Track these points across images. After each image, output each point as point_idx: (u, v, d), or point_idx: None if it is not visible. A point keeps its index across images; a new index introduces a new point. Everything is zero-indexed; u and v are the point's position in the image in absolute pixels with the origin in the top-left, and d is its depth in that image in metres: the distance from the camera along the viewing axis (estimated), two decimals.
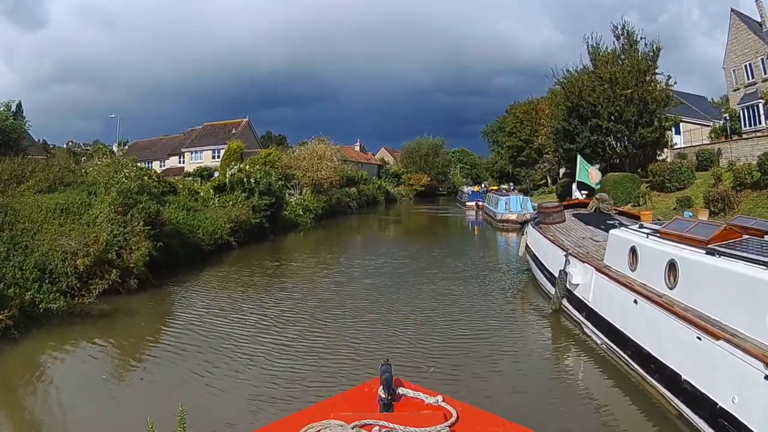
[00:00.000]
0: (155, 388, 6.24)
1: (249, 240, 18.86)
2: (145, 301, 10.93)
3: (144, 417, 3.03)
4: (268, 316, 9.43)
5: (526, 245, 11.40)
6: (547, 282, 9.54)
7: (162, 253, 13.27)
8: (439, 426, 2.21)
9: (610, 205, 12.43)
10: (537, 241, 10.64)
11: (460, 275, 12.86)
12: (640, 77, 26.31)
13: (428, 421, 2.25)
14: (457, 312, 9.21)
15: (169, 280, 12.64)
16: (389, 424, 2.18)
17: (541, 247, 10.13)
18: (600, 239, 9.49)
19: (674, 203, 21.71)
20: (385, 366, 2.59)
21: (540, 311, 9.25)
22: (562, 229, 10.82)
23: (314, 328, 8.51)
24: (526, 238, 11.57)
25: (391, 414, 2.42)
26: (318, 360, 6.94)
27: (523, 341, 7.82)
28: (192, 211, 18.60)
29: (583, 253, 8.47)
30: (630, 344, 6.30)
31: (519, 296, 10.79)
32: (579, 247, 9.00)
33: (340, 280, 13.10)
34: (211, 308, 10.24)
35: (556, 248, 9.07)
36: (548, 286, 9.42)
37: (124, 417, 5.29)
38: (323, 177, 32.20)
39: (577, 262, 8.08)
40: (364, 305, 10.00)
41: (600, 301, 7.21)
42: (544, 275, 9.71)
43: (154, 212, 13.55)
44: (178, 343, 7.82)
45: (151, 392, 6.12)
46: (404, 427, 2.15)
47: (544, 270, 9.64)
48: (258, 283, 12.90)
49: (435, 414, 2.37)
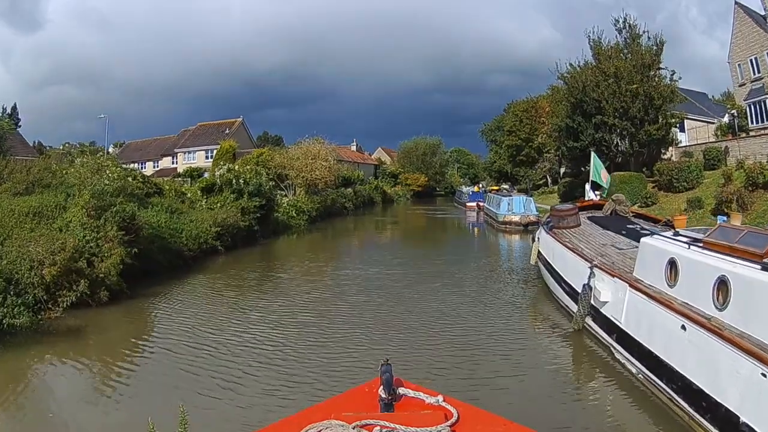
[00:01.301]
0: (129, 415, 5.42)
1: (237, 244, 17.74)
2: (117, 315, 9.90)
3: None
4: (249, 333, 8.38)
5: (538, 252, 10.30)
6: (564, 295, 8.45)
7: (139, 261, 12.27)
8: (440, 426, 2.19)
9: (627, 207, 11.35)
10: (552, 248, 9.44)
11: (464, 288, 11.53)
12: (645, 72, 25.34)
13: (429, 420, 2.23)
14: (465, 334, 8.02)
15: (146, 290, 11.55)
16: (390, 424, 2.16)
17: (558, 256, 9.02)
18: (623, 247, 8.45)
19: (684, 204, 20.79)
20: (386, 366, 2.56)
21: (559, 330, 8.04)
22: (578, 234, 9.72)
23: (298, 352, 7.44)
24: (537, 244, 10.42)
25: (391, 414, 2.39)
26: (305, 390, 5.91)
27: (542, 368, 6.70)
28: (177, 213, 17.50)
29: (609, 264, 7.39)
30: (675, 377, 5.27)
31: (533, 312, 9.55)
32: (601, 257, 7.93)
33: (330, 295, 11.26)
34: (190, 323, 9.18)
35: (578, 258, 7.96)
36: (566, 300, 8.34)
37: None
38: (317, 177, 31.10)
39: (604, 275, 7.00)
40: (357, 327, 8.46)
41: (636, 324, 6.15)
42: (561, 288, 8.61)
43: (129, 216, 12.42)
44: (154, 363, 7.04)
45: (125, 419, 5.37)
46: (405, 427, 2.13)
47: (562, 282, 8.54)
48: (240, 295, 11.76)
49: (436, 414, 2.35)
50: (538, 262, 10.47)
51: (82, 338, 8.42)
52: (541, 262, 10.26)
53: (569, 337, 7.59)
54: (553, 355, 7.12)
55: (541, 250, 10.10)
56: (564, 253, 8.59)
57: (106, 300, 10.18)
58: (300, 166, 31.01)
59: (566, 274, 8.31)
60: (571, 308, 8.10)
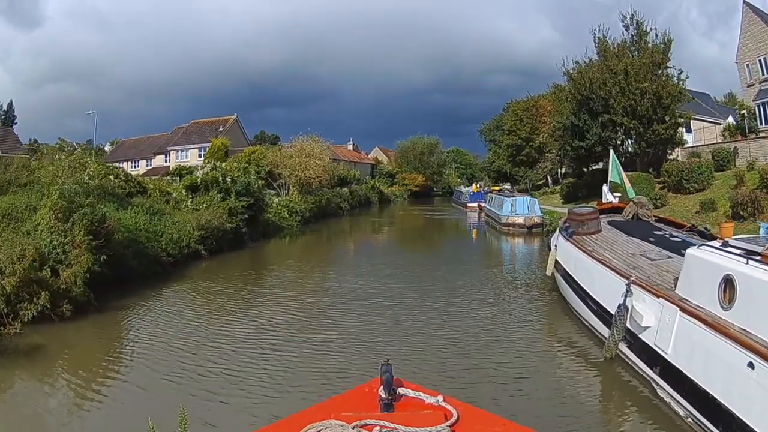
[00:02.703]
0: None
1: (223, 247, 16.57)
2: (84, 331, 8.89)
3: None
4: (226, 353, 7.30)
5: (556, 262, 9.07)
6: (590, 314, 7.29)
7: (111, 268, 11.16)
8: (440, 426, 2.17)
9: (650, 211, 10.26)
10: (574, 259, 8.13)
11: (471, 303, 10.00)
12: (654, 70, 24.41)
13: (429, 421, 2.21)
14: (474, 362, 6.71)
15: (117, 301, 10.43)
16: (390, 424, 2.15)
17: (582, 268, 7.74)
18: (654, 257, 7.34)
19: (696, 206, 19.84)
20: (386, 366, 2.54)
21: (585, 357, 6.80)
22: (600, 242, 8.57)
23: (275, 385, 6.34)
24: (555, 253, 9.14)
25: (391, 414, 2.37)
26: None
27: (567, 404, 5.55)
28: (159, 215, 16.33)
29: (647, 279, 6.26)
30: (737, 425, 4.23)
31: (551, 333, 8.20)
32: (634, 269, 6.81)
33: (315, 315, 9.49)
34: (163, 340, 8.12)
35: (609, 272, 6.79)
36: (592, 321, 7.20)
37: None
38: (311, 176, 29.89)
39: (646, 295, 5.83)
40: (348, 356, 7.09)
41: (688, 356, 5.06)
42: (587, 306, 7.42)
43: (98, 218, 11.28)
44: (121, 386, 6.30)
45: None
46: (405, 427, 2.12)
47: (588, 299, 7.36)
48: (219, 308, 10.54)
49: (435, 414, 2.33)
50: (555, 273, 9.25)
51: (46, 356, 7.54)
52: (558, 273, 9.04)
53: (599, 367, 6.40)
54: (580, 389, 5.91)
55: (560, 260, 8.86)
56: (590, 265, 7.40)
57: (68, 314, 9.11)
58: (293, 165, 29.82)
59: (593, 290, 7.13)
60: (598, 330, 6.96)
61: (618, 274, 6.43)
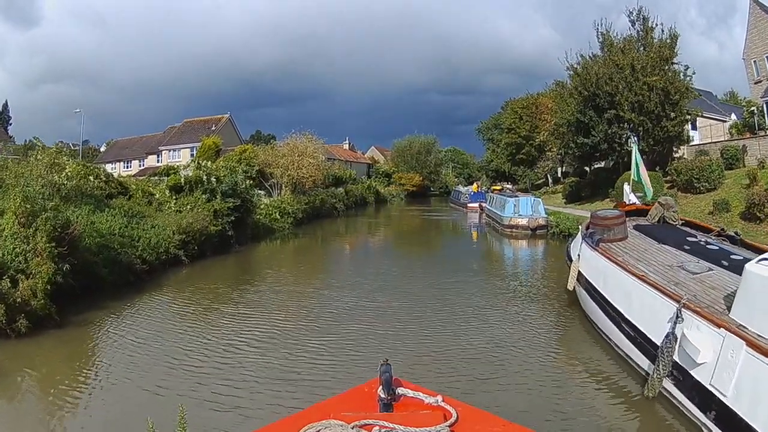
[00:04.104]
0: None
1: (206, 252, 15.40)
2: (45, 348, 7.89)
3: None
4: (196, 376, 6.23)
5: (578, 274, 7.73)
6: (625, 341, 6.08)
7: (78, 277, 10.01)
8: (439, 426, 2.16)
9: (677, 213, 9.14)
10: (604, 272, 6.85)
11: (481, 325, 8.35)
12: (662, 65, 23.47)
13: (428, 421, 2.19)
14: (485, 400, 5.28)
15: (82, 315, 9.36)
16: (389, 424, 2.13)
17: (615, 284, 6.49)
18: (695, 269, 6.22)
19: (709, 206, 18.87)
20: (385, 366, 2.51)
21: (619, 392, 5.60)
22: (630, 250, 7.38)
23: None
24: (577, 264, 7.81)
25: (390, 414, 2.35)
26: None
27: None
28: (138, 217, 15.16)
29: (697, 301, 5.15)
30: None
31: (577, 362, 6.71)
32: (676, 285, 5.70)
33: (298, 335, 8.13)
34: (132, 357, 7.21)
35: (653, 291, 5.48)
36: (628, 348, 6.03)
37: None
38: (304, 175, 28.66)
39: (701, 322, 4.71)
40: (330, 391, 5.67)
41: (752, 402, 3.98)
42: (621, 330, 6.18)
43: (62, 223, 10.16)
44: (83, 412, 5.58)
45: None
46: (404, 427, 2.10)
47: (622, 322, 6.12)
48: (194, 323, 9.38)
49: (435, 414, 2.31)
50: (577, 288, 7.95)
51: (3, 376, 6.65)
52: (581, 287, 7.73)
53: (637, 407, 5.23)
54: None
55: (584, 273, 7.56)
56: (626, 280, 6.17)
57: (24, 330, 8.08)
58: (286, 164, 28.60)
59: (630, 312, 5.93)
60: (634, 360, 5.81)
61: (664, 294, 5.28)
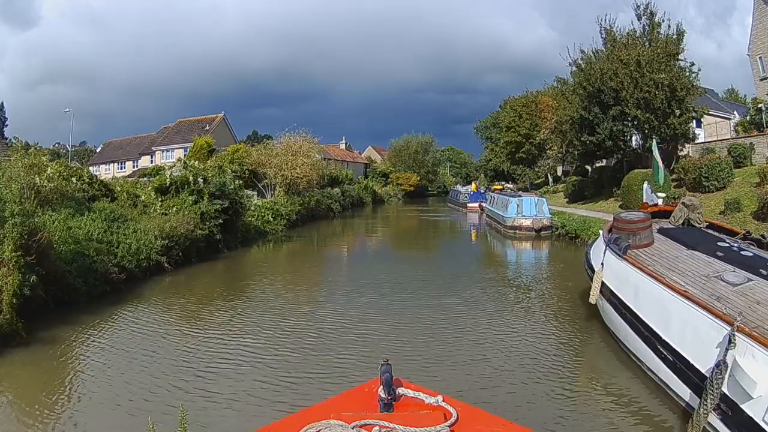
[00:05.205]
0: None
1: (192, 258, 14.46)
2: (10, 368, 7.02)
3: None
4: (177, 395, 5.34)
5: (602, 286, 6.77)
6: (662, 365, 5.19)
7: (48, 288, 9.20)
8: (439, 426, 2.15)
9: (701, 215, 8.30)
10: (635, 285, 5.90)
11: (491, 345, 7.33)
12: (668, 61, 22.74)
13: (428, 421, 2.19)
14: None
15: (51, 331, 8.45)
16: (389, 424, 2.12)
17: (650, 299, 5.55)
18: (734, 280, 5.40)
19: (720, 206, 18.10)
20: (385, 366, 2.50)
21: (657, 426, 4.80)
22: (658, 258, 6.50)
23: None
24: (600, 275, 6.83)
25: (391, 414, 2.34)
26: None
27: None
28: (121, 221, 14.23)
29: (747, 323, 4.29)
30: None
31: (603, 388, 5.74)
32: (718, 300, 4.85)
33: (282, 354, 7.16)
34: (105, 376, 6.49)
35: (699, 312, 4.64)
36: (665, 374, 5.15)
37: None
38: (299, 175, 27.69)
39: (758, 349, 3.90)
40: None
41: None
42: (656, 353, 5.29)
43: (29, 230, 9.24)
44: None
45: None
46: (404, 427, 2.09)
47: (658, 344, 5.22)
48: (178, 333, 8.54)
49: (435, 414, 2.31)
50: (600, 301, 6.96)
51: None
52: (606, 301, 6.78)
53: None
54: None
55: (609, 284, 6.61)
56: (663, 296, 5.27)
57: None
58: (279, 163, 27.65)
59: (668, 333, 5.03)
60: (675, 390, 4.91)
61: (713, 314, 4.41)
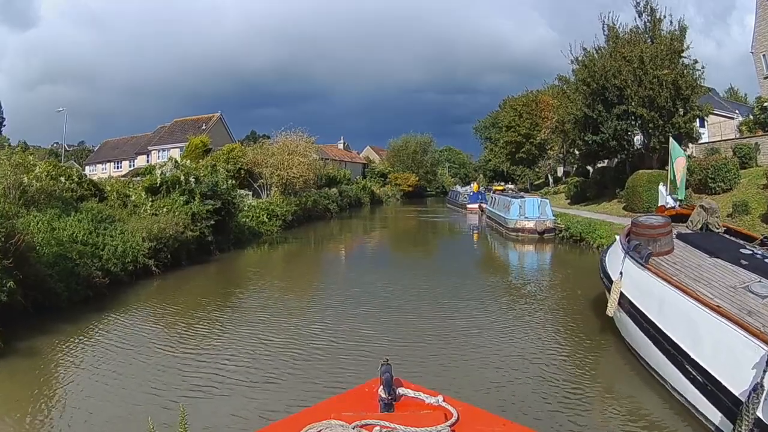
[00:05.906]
0: None
1: (181, 261, 13.86)
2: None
3: None
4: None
5: (621, 296, 6.19)
6: (690, 386, 4.65)
7: (32, 293, 8.72)
8: (440, 426, 2.14)
9: (719, 219, 7.82)
10: (660, 297, 5.39)
11: (498, 359, 6.69)
12: (673, 57, 22.26)
13: (429, 420, 2.18)
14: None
15: (29, 341, 7.85)
16: (390, 424, 2.11)
17: (676, 313, 5.03)
18: (763, 291, 4.87)
19: (728, 208, 17.61)
20: (386, 366, 2.50)
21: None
22: (680, 266, 5.96)
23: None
24: (619, 285, 6.23)
25: (391, 414, 2.33)
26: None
27: None
28: (108, 222, 13.66)
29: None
30: None
31: (622, 407, 5.21)
32: (748, 314, 4.34)
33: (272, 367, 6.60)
34: (89, 389, 5.91)
35: (734, 329, 4.14)
36: (694, 396, 4.61)
37: None
38: (295, 175, 27.14)
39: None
40: None
41: None
42: (684, 373, 4.75)
43: (6, 232, 8.69)
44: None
45: None
46: (405, 427, 2.08)
47: (686, 363, 4.67)
48: (164, 344, 7.98)
49: (436, 414, 2.29)
50: (619, 313, 6.38)
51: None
52: (624, 312, 6.21)
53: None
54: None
55: (629, 295, 6.03)
56: (691, 310, 4.75)
57: None
58: (275, 163, 27.10)
59: (697, 351, 4.53)
60: (705, 413, 4.33)
61: (749, 332, 3.86)
